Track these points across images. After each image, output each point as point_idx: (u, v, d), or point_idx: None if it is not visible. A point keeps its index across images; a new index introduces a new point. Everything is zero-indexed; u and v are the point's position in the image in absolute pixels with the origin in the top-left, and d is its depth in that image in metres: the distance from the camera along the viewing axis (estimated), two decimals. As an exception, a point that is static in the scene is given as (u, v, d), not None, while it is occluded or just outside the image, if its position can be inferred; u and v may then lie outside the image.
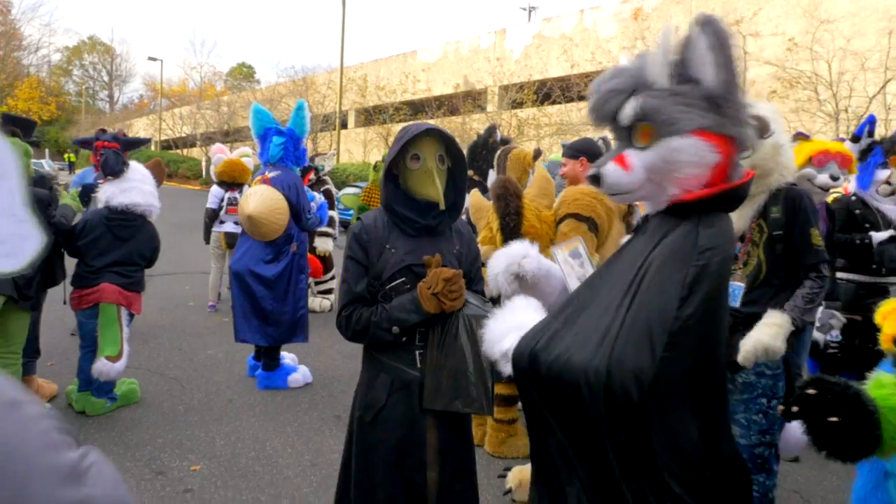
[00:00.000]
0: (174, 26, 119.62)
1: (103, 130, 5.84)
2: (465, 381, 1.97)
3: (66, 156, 39.37)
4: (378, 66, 29.10)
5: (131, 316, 4.38)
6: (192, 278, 9.18)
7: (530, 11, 38.27)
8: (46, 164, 29.05)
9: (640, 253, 1.53)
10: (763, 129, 2.65)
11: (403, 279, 2.04)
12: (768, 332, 2.58)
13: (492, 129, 4.63)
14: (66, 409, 4.30)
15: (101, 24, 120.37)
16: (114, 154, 4.33)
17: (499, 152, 4.19)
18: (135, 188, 4.28)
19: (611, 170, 1.56)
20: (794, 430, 2.30)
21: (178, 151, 41.02)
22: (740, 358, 2.58)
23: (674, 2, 18.73)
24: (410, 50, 28.32)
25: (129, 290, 4.26)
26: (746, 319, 2.76)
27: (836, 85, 13.28)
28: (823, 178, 3.30)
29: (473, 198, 3.30)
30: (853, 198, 4.18)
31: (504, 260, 2.07)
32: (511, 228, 3.12)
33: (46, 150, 39.73)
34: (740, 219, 2.78)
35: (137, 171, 4.38)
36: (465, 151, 4.62)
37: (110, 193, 4.26)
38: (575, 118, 17.56)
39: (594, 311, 1.50)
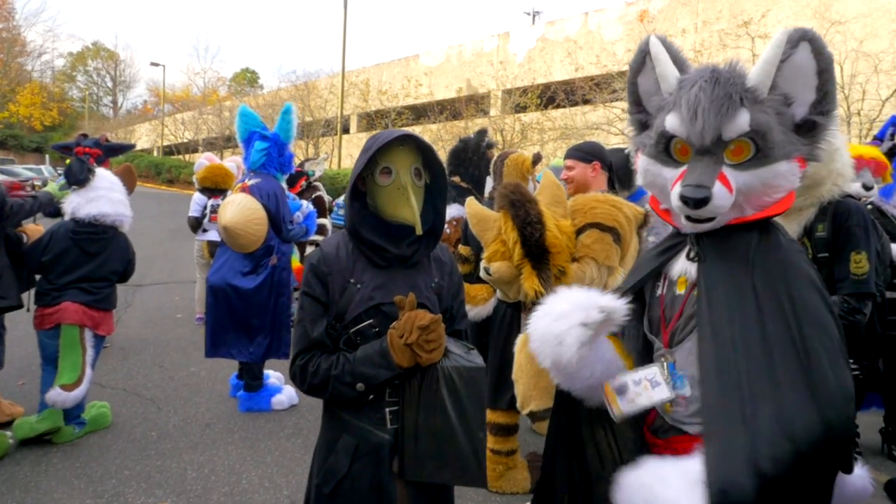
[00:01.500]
0: (178, 32, 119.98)
1: (84, 135, 5.51)
2: (453, 447, 1.64)
3: (67, 161, 39.07)
4: (380, 71, 28.81)
5: (100, 337, 4.04)
6: (183, 288, 8.87)
7: (534, 16, 37.99)
8: (46, 171, 28.77)
9: (742, 286, 1.39)
10: None
11: (371, 321, 1.70)
12: None
13: (483, 133, 4.27)
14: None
15: (106, 30, 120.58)
16: (78, 162, 4.01)
17: (496, 158, 3.84)
18: (102, 197, 3.96)
19: (719, 191, 1.40)
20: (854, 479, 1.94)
21: (181, 157, 40.82)
22: None
23: (680, 3, 18.38)
24: (413, 54, 28.03)
25: (96, 308, 3.92)
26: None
27: (849, 87, 12.91)
28: (855, 187, 2.91)
29: (472, 207, 2.92)
30: (868, 206, 3.79)
31: (573, 308, 1.52)
32: (536, 240, 2.69)
33: (47, 157, 39.51)
34: None
35: (105, 179, 4.05)
36: (449, 156, 4.29)
37: (76, 204, 3.94)
38: (579, 122, 17.22)
39: (756, 373, 1.30)
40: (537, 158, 3.70)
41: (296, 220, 4.75)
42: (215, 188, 6.38)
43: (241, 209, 4.18)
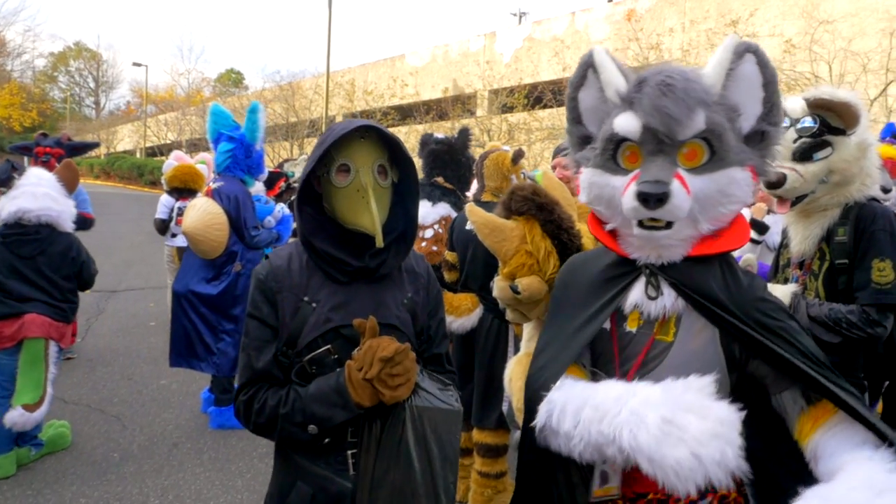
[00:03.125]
0: (162, 32, 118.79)
1: (44, 135, 5.23)
2: None
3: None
4: (366, 71, 28.49)
5: (60, 350, 3.75)
6: (160, 294, 8.54)
7: (521, 17, 37.79)
8: (25, 172, 28.15)
9: (733, 322, 1.32)
10: (851, 120, 2.05)
11: (328, 347, 1.44)
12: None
13: (466, 132, 4.02)
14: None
15: (88, 30, 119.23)
16: (6, 163, 3.71)
17: (478, 158, 3.59)
18: (24, 194, 3.58)
19: (678, 189, 1.30)
20: None
21: (164, 158, 40.21)
22: None
23: (668, 3, 18.24)
24: (399, 54, 27.76)
25: (58, 319, 3.61)
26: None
27: (838, 87, 12.79)
28: (875, 189, 2.70)
29: (478, 215, 2.45)
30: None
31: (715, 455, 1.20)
32: (577, 248, 2.31)
33: (25, 159, 38.81)
34: (805, 240, 2.19)
35: (31, 176, 3.71)
36: (428, 156, 4.02)
37: (0, 206, 3.60)
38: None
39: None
40: (518, 155, 3.43)
41: (266, 225, 4.49)
42: (184, 188, 6.07)
43: (201, 214, 3.99)
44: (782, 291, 2.16)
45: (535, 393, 1.42)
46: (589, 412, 1.29)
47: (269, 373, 1.45)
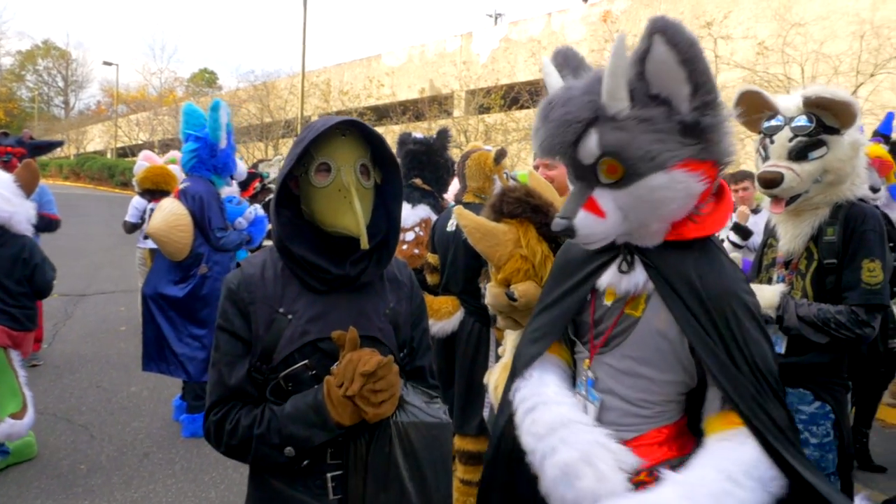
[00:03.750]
0: (133, 30, 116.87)
1: (5, 134, 5.03)
2: None
3: None
4: (341, 71, 28.29)
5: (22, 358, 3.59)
6: (130, 298, 8.30)
7: (496, 18, 37.84)
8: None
9: (690, 306, 1.34)
10: (847, 120, 2.02)
11: (305, 362, 1.34)
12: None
13: (445, 133, 3.94)
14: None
15: (57, 28, 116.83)
16: None
17: (459, 158, 3.51)
18: None
19: (583, 220, 1.36)
20: None
21: (135, 159, 39.46)
22: None
23: (643, 4, 18.36)
24: (375, 54, 27.62)
25: (12, 327, 3.44)
26: (785, 371, 2.14)
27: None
28: (864, 189, 2.68)
29: (468, 218, 2.37)
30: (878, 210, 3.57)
31: (608, 466, 1.32)
32: None
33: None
34: (794, 238, 2.15)
35: None
36: (406, 157, 3.93)
37: None
38: (544, 123, 17.04)
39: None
40: (500, 155, 3.35)
41: (237, 227, 4.37)
42: (156, 190, 5.90)
43: (165, 215, 3.95)
44: (771, 291, 2.13)
45: (517, 372, 1.57)
46: (528, 422, 1.42)
47: (241, 390, 1.35)
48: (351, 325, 1.33)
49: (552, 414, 1.41)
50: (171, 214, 3.95)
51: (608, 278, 1.48)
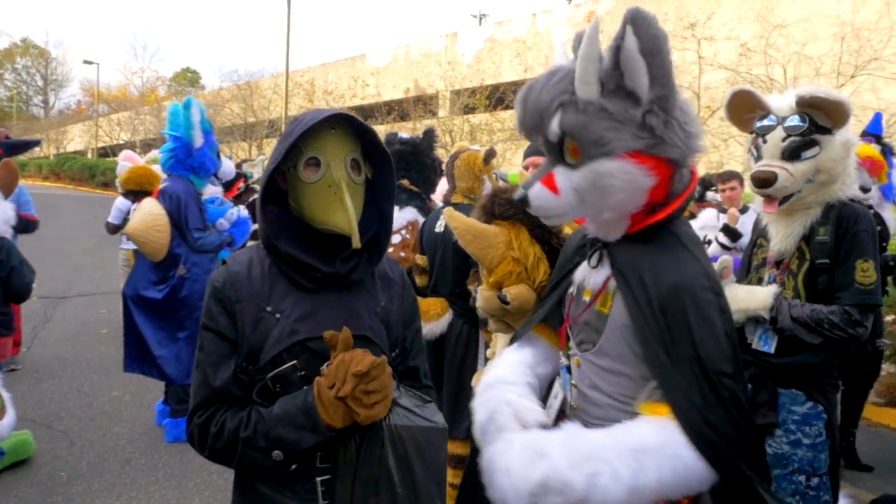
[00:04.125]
0: (114, 29, 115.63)
1: (-18, 134, 4.91)
2: None
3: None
4: (326, 71, 28.15)
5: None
6: (111, 300, 8.16)
7: (481, 19, 37.86)
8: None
9: (635, 297, 1.38)
10: (840, 120, 2.01)
11: (294, 363, 1.29)
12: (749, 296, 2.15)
13: (431, 133, 3.90)
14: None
15: (35, 26, 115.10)
16: None
17: (448, 158, 3.47)
18: None
19: (537, 192, 1.45)
20: None
21: (116, 159, 38.98)
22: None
23: (626, 5, 18.29)
24: (359, 53, 27.50)
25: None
26: (777, 371, 2.14)
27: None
28: (854, 189, 2.68)
29: (458, 220, 2.33)
30: (871, 210, 3.59)
31: (507, 417, 1.47)
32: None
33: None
34: (786, 238, 2.14)
35: None
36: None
37: None
38: (529, 123, 17.06)
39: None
40: (490, 155, 3.32)
41: (219, 227, 4.31)
42: (140, 191, 5.80)
43: (143, 215, 3.96)
44: (764, 293, 2.12)
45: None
46: (489, 422, 1.48)
47: (227, 392, 1.30)
48: (341, 325, 1.28)
49: (488, 376, 1.58)
50: (148, 214, 3.94)
51: (581, 274, 1.56)
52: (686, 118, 1.35)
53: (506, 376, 1.56)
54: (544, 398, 1.68)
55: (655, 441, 1.29)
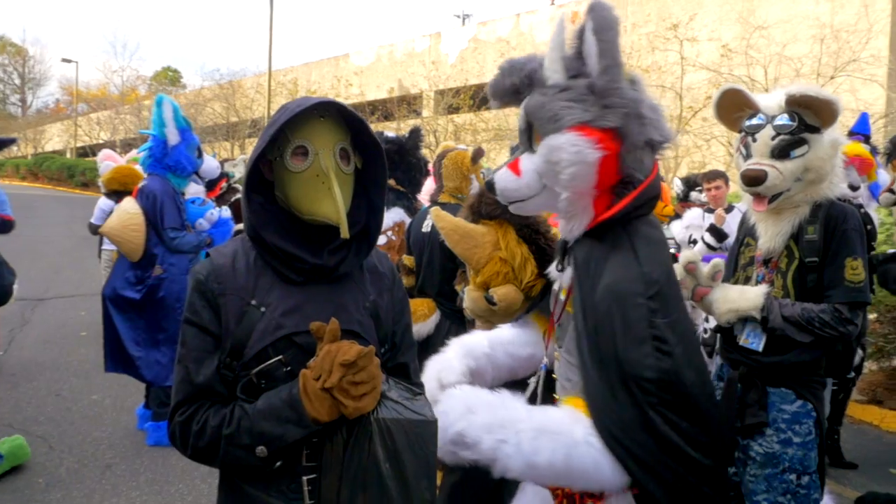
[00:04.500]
0: (93, 27, 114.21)
1: (-44, 133, 4.80)
2: None
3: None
4: (309, 70, 28.02)
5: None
6: (91, 302, 8.00)
7: (464, 19, 37.85)
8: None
9: (581, 296, 1.45)
10: (829, 119, 2.01)
11: (280, 358, 1.25)
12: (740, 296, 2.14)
13: (417, 132, 3.87)
14: None
15: (12, 24, 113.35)
16: None
17: (436, 157, 3.44)
18: None
19: (500, 174, 1.54)
20: None
21: (96, 159, 38.44)
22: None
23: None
24: (343, 53, 27.39)
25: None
26: (767, 371, 2.13)
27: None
28: (842, 188, 2.68)
29: (445, 220, 2.30)
30: (862, 209, 3.59)
31: (431, 373, 1.79)
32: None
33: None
34: (775, 237, 2.14)
35: None
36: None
37: None
38: (513, 123, 17.08)
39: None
40: (478, 154, 3.30)
41: (198, 228, 4.25)
42: (124, 191, 5.70)
43: (119, 214, 3.96)
44: (755, 293, 2.11)
45: None
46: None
47: (210, 388, 1.25)
48: (332, 318, 1.24)
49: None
50: (124, 213, 3.92)
51: (553, 275, 1.67)
52: (642, 103, 1.44)
53: (466, 341, 1.81)
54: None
55: (558, 426, 1.40)
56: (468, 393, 1.51)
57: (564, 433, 1.37)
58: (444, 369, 1.75)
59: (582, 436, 1.36)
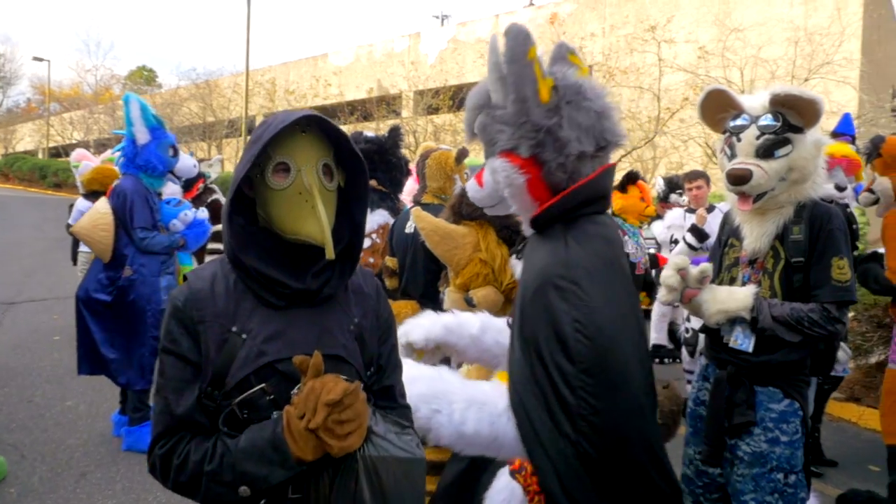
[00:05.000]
0: (66, 25, 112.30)
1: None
2: None
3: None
4: (287, 70, 27.81)
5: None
6: (64, 305, 7.84)
7: (443, 20, 37.88)
8: None
9: (521, 282, 1.54)
10: (811, 118, 2.02)
11: (262, 386, 1.19)
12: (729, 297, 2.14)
13: (396, 131, 3.83)
14: None
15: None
16: None
17: (419, 157, 3.41)
18: None
19: (470, 184, 1.74)
20: None
21: (69, 159, 37.81)
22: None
23: (588, 7, 18.66)
24: (321, 53, 27.23)
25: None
26: (755, 370, 2.13)
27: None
28: (828, 189, 2.71)
29: (425, 220, 2.30)
30: (849, 209, 3.62)
31: (402, 329, 1.88)
32: None
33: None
34: (760, 237, 2.14)
35: None
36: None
37: None
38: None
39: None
40: (462, 154, 3.28)
41: (172, 229, 4.17)
42: (104, 191, 5.57)
43: (91, 213, 3.95)
44: (744, 293, 2.11)
45: None
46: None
47: (191, 419, 1.20)
48: (313, 344, 1.20)
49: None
50: (95, 213, 3.90)
51: (517, 269, 1.85)
52: (560, 126, 1.46)
53: (459, 316, 1.89)
54: None
55: (484, 398, 1.50)
56: (410, 366, 1.60)
57: (490, 404, 1.48)
58: (412, 329, 1.89)
59: (504, 407, 1.46)
